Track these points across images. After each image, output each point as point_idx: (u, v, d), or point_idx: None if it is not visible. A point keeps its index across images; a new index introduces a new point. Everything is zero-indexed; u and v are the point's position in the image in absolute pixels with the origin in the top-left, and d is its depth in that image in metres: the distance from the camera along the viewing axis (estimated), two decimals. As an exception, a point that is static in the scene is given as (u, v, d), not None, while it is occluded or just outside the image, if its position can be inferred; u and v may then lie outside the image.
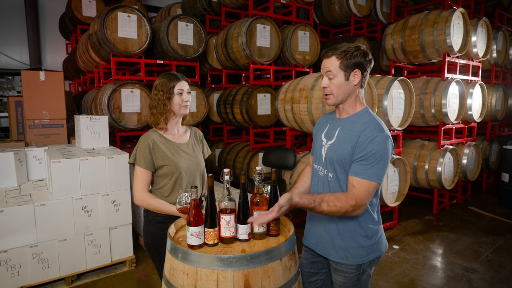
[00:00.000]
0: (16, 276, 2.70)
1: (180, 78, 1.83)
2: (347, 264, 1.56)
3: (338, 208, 1.41)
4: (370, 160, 1.42)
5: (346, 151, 1.48)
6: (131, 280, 3.07)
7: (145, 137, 1.80)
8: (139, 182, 1.76)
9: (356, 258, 1.55)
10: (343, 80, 1.50)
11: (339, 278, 1.61)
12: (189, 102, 1.86)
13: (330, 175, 1.56)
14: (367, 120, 1.51)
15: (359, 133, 1.47)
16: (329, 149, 1.57)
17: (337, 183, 1.54)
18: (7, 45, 7.99)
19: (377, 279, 3.10)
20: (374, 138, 1.43)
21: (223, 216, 1.42)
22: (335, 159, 1.52)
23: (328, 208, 1.41)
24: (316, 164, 1.67)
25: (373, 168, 1.42)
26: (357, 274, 1.57)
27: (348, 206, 1.40)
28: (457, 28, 4.52)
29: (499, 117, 6.20)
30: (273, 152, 4.30)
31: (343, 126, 1.56)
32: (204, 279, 1.28)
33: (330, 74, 1.50)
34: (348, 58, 1.47)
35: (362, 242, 1.55)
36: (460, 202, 5.42)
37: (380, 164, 1.42)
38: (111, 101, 3.93)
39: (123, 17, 3.98)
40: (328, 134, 1.61)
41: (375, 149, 1.42)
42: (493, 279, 3.12)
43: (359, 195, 1.42)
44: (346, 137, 1.51)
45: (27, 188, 3.16)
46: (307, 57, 5.23)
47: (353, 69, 1.48)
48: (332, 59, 1.50)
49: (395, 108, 3.83)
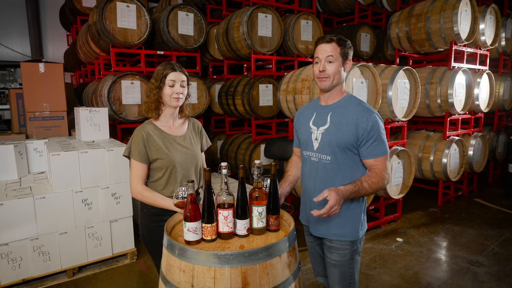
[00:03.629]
0: (18, 269, 2.70)
1: (176, 68, 1.76)
2: (342, 240, 1.67)
3: (376, 184, 1.56)
4: (377, 140, 1.59)
5: (348, 133, 1.60)
6: (132, 273, 3.06)
7: (139, 130, 1.76)
8: (134, 175, 1.73)
9: (353, 234, 1.67)
10: (340, 66, 1.62)
11: (334, 257, 1.70)
12: (182, 95, 1.78)
13: (328, 158, 1.65)
14: (357, 103, 1.66)
15: (355, 116, 1.60)
16: (324, 134, 1.66)
17: (336, 164, 1.64)
18: (8, 37, 7.95)
19: (380, 272, 3.07)
20: (372, 120, 1.58)
21: (221, 211, 1.38)
22: (335, 142, 1.62)
23: (369, 186, 1.55)
24: (306, 151, 1.75)
25: (382, 144, 1.60)
26: (351, 251, 1.68)
27: (381, 179, 1.57)
28: (465, 15, 4.39)
29: (507, 107, 6.07)
30: (275, 143, 4.25)
31: (334, 111, 1.67)
32: (201, 276, 1.24)
33: (331, 58, 1.59)
34: (345, 47, 1.62)
35: (358, 218, 1.68)
36: (466, 194, 5.34)
37: (383, 138, 1.62)
38: (111, 93, 3.88)
39: (122, 7, 3.90)
40: (318, 121, 1.70)
41: (377, 129, 1.59)
42: (499, 272, 3.07)
43: (383, 169, 1.60)
44: (342, 121, 1.62)
45: (27, 181, 3.14)
46: (310, 46, 5.12)
47: (347, 57, 1.63)
48: (333, 44, 1.60)
49: (400, 98, 3.75)
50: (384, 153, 1.61)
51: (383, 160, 1.61)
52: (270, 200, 1.45)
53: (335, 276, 1.72)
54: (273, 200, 1.46)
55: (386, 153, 1.62)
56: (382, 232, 3.94)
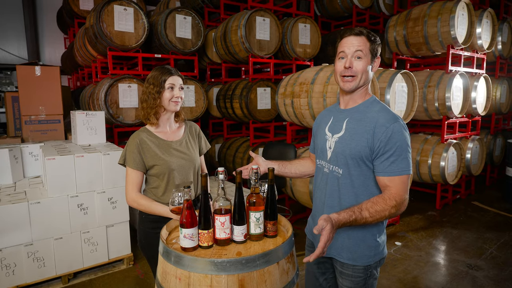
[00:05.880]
0: (11, 275, 2.66)
1: (173, 72, 1.75)
2: (354, 265, 1.46)
3: (380, 213, 1.28)
4: (396, 154, 1.32)
5: (362, 144, 1.36)
6: (128, 278, 3.02)
7: (133, 137, 1.74)
8: (129, 183, 1.71)
9: (364, 259, 1.45)
10: (369, 64, 1.40)
11: (346, 283, 1.50)
12: (181, 98, 1.77)
13: (339, 171, 1.43)
14: (378, 108, 1.41)
15: (373, 123, 1.35)
16: (338, 143, 1.44)
17: (349, 179, 1.41)
18: (4, 39, 7.91)
19: (379, 277, 3.05)
20: (393, 130, 1.32)
21: (218, 217, 1.36)
22: (348, 153, 1.39)
23: (370, 215, 1.28)
24: (320, 160, 1.56)
25: (403, 161, 1.32)
26: (365, 277, 1.47)
27: (389, 207, 1.28)
28: (462, 19, 4.41)
29: (504, 110, 6.10)
30: (273, 147, 4.23)
31: (351, 116, 1.44)
32: (197, 284, 1.22)
33: (360, 54, 1.37)
34: (375, 43, 1.39)
35: (370, 242, 1.45)
36: (464, 197, 5.34)
37: (406, 154, 1.33)
38: (108, 96, 3.86)
39: (120, 10, 3.89)
40: (333, 127, 1.49)
41: (398, 141, 1.32)
42: (497, 276, 3.05)
43: (397, 193, 1.30)
44: (357, 128, 1.39)
45: (22, 186, 3.11)
46: (308, 50, 5.12)
47: (376, 55, 1.41)
48: (362, 38, 1.37)
49: (398, 101, 3.75)
50: (402, 173, 1.31)
51: (398, 182, 1.31)
52: (268, 206, 1.43)
53: None
54: (271, 205, 1.43)
55: (405, 173, 1.31)
56: (380, 236, 3.92)
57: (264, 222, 1.43)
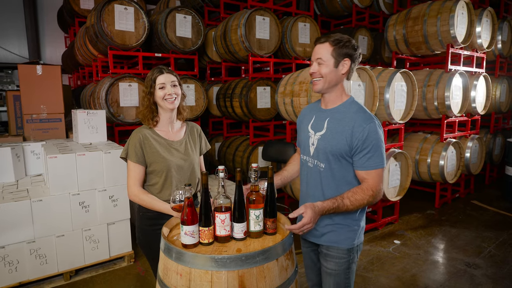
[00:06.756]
0: (14, 272, 2.69)
1: (164, 71, 1.75)
2: (339, 247, 1.61)
3: (360, 201, 1.47)
4: (372, 151, 1.49)
5: (342, 142, 1.52)
6: (129, 276, 3.05)
7: (136, 132, 1.76)
8: (131, 177, 1.72)
9: (348, 242, 1.61)
10: (332, 67, 1.53)
11: (330, 265, 1.64)
12: (176, 94, 1.75)
13: (322, 165, 1.60)
14: (356, 109, 1.56)
15: (351, 124, 1.51)
16: (320, 140, 1.60)
17: (330, 172, 1.58)
18: (5, 38, 7.93)
19: (378, 275, 3.07)
20: (369, 129, 1.48)
21: (218, 214, 1.38)
22: (329, 150, 1.56)
23: (351, 203, 1.47)
24: (304, 155, 1.71)
25: (377, 157, 1.50)
26: (348, 259, 1.62)
27: (367, 197, 1.48)
28: (461, 19, 4.42)
29: (503, 109, 6.11)
30: (273, 146, 4.25)
31: (332, 116, 1.59)
32: (198, 280, 1.24)
33: (320, 60, 1.53)
34: (340, 47, 1.52)
35: (353, 225, 1.61)
36: (463, 196, 5.37)
37: (380, 150, 1.51)
38: (109, 95, 3.88)
39: (120, 9, 3.91)
40: (316, 125, 1.64)
41: (374, 139, 1.49)
42: (496, 275, 3.08)
43: (373, 184, 1.50)
44: (337, 128, 1.55)
45: (24, 184, 3.13)
46: (308, 49, 5.14)
47: (343, 57, 1.52)
48: (325, 45, 1.53)
49: (397, 101, 3.76)
50: (378, 167, 1.50)
51: (374, 174, 1.50)
52: (267, 203, 1.45)
53: (330, 285, 1.67)
54: (270, 203, 1.46)
55: (380, 167, 1.50)
56: (379, 235, 3.95)
57: (264, 219, 1.45)
